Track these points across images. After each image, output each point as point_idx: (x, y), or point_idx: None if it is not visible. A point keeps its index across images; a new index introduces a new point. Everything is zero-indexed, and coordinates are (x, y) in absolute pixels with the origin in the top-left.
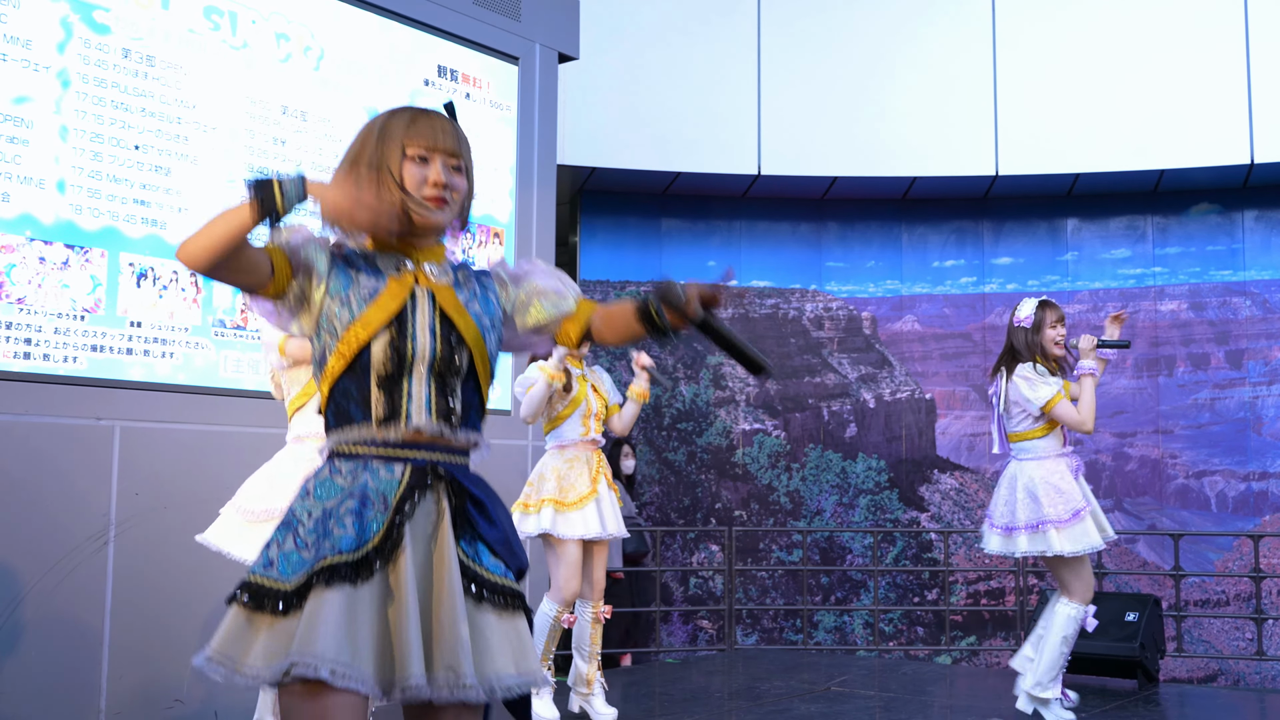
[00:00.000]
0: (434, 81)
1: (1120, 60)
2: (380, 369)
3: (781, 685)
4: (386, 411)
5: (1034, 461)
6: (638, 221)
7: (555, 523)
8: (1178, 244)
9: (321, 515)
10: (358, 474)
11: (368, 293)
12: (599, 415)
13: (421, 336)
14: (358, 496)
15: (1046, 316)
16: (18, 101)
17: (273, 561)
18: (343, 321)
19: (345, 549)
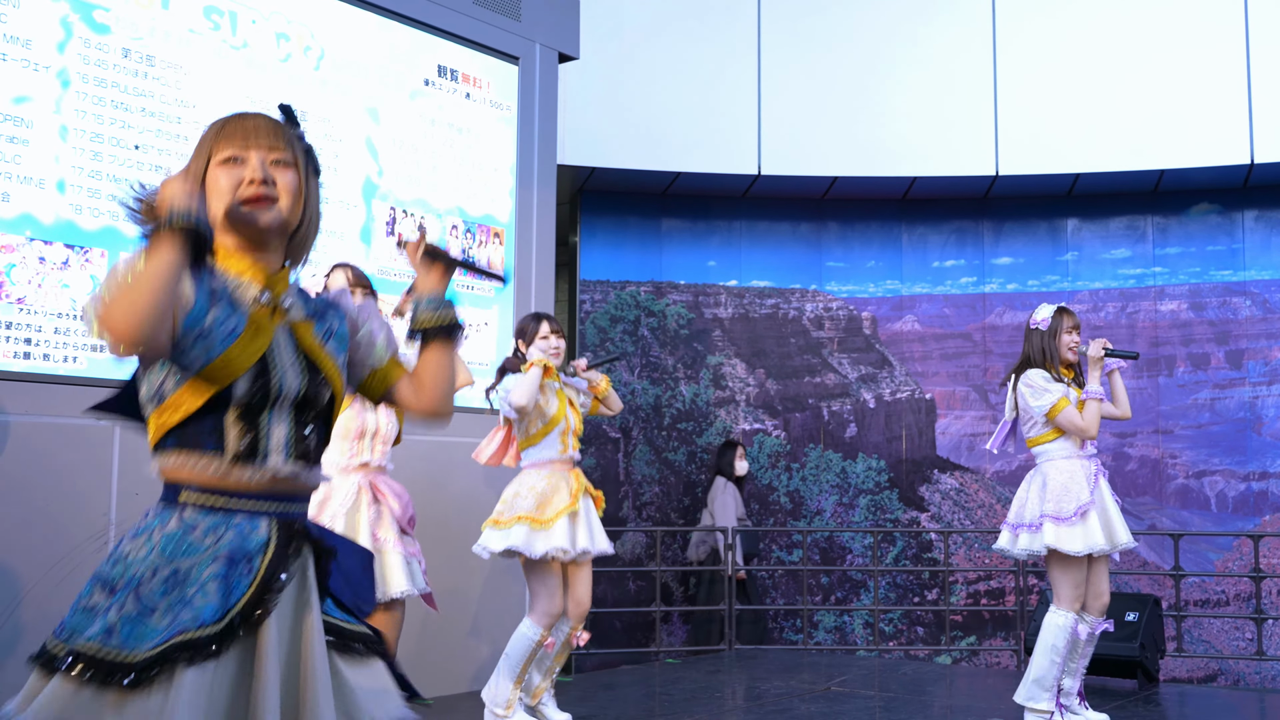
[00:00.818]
0: (434, 81)
1: (1120, 60)
2: (241, 403)
3: (781, 685)
4: (247, 446)
5: (1051, 463)
6: (638, 221)
7: (530, 540)
8: (1178, 244)
9: (172, 575)
10: (220, 532)
11: (228, 331)
12: (576, 432)
13: (288, 375)
14: (223, 559)
15: (1063, 323)
16: (18, 101)
17: (112, 629)
18: (199, 356)
19: (208, 619)
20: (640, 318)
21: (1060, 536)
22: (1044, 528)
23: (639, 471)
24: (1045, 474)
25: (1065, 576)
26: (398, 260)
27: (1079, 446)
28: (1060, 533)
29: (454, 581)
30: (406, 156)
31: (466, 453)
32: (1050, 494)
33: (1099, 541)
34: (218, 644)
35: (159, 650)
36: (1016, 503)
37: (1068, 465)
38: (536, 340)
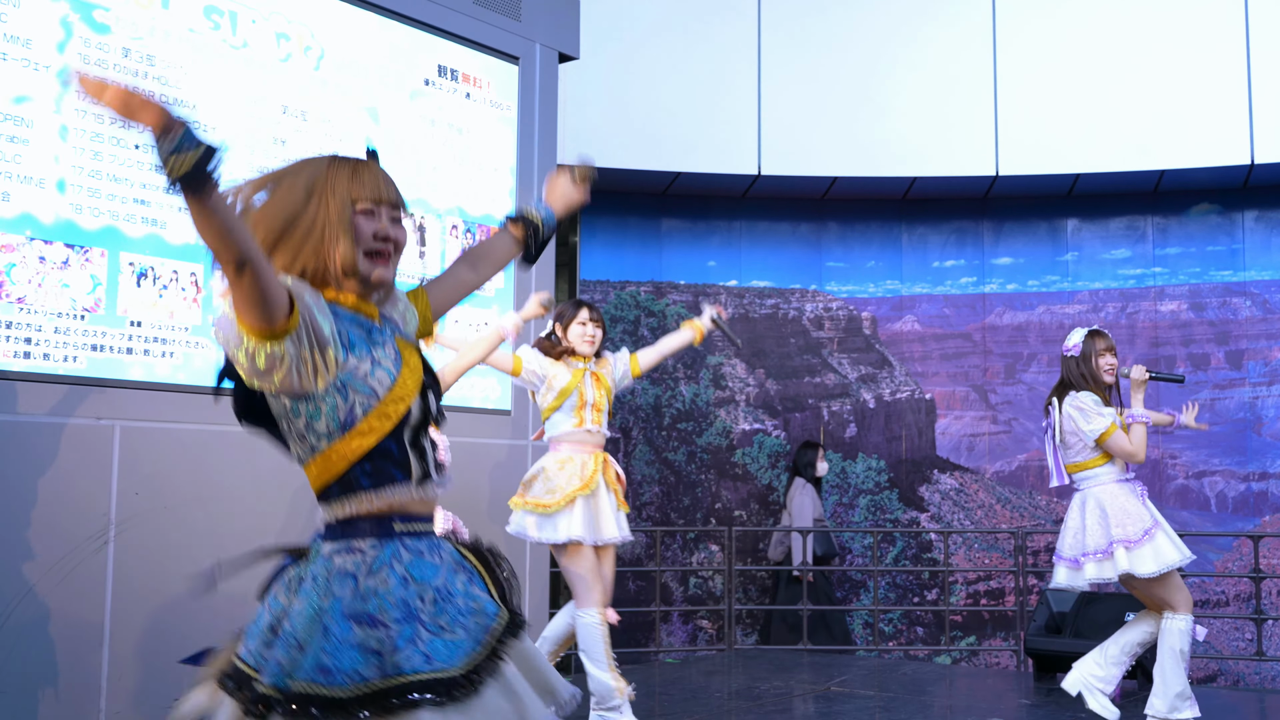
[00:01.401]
0: (434, 81)
1: (1120, 60)
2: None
3: (781, 685)
4: (423, 469)
5: (1099, 487)
6: (638, 221)
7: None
8: (1178, 244)
9: (437, 595)
10: (438, 551)
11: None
12: (597, 405)
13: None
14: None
15: (1095, 345)
16: (18, 101)
17: (429, 656)
18: (382, 382)
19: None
20: (640, 318)
21: (1133, 561)
22: (1117, 554)
23: (639, 471)
24: (1100, 500)
25: (1172, 588)
26: None
27: (1124, 470)
28: (1132, 557)
29: None
30: (407, 156)
31: (466, 453)
32: (1114, 519)
33: (1171, 557)
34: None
35: (477, 659)
36: (1070, 533)
37: (1119, 489)
38: (574, 325)
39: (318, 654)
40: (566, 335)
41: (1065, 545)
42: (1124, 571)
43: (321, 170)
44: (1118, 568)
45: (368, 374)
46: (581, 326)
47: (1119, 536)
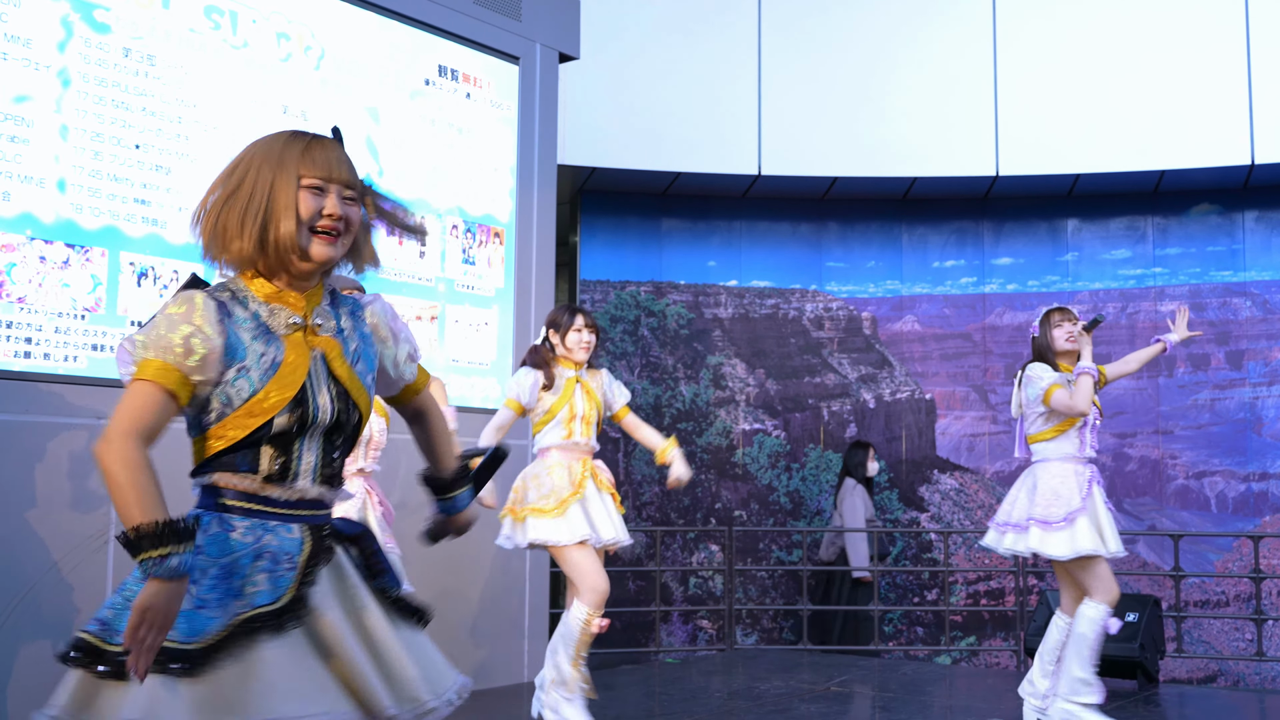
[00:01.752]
0: (434, 81)
1: (1121, 60)
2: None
3: (781, 685)
4: (278, 469)
5: (1043, 464)
6: (638, 221)
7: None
8: (1178, 244)
9: (220, 573)
10: (259, 534)
11: (269, 363)
12: (587, 419)
13: (322, 404)
14: (267, 556)
15: (1051, 317)
16: (18, 100)
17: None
18: (241, 393)
19: (262, 603)
20: (640, 318)
21: (1046, 541)
22: (1030, 531)
23: (639, 471)
24: (1036, 476)
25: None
26: (398, 260)
27: (1077, 449)
28: (1046, 538)
29: (452, 583)
30: (407, 156)
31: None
32: (1040, 497)
33: (1085, 545)
34: (278, 622)
35: (220, 636)
36: (1006, 502)
37: (1060, 469)
38: (570, 332)
39: (105, 609)
40: (564, 342)
41: (1000, 511)
42: (1033, 550)
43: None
44: (1029, 544)
45: (229, 382)
46: (578, 334)
47: (1038, 515)
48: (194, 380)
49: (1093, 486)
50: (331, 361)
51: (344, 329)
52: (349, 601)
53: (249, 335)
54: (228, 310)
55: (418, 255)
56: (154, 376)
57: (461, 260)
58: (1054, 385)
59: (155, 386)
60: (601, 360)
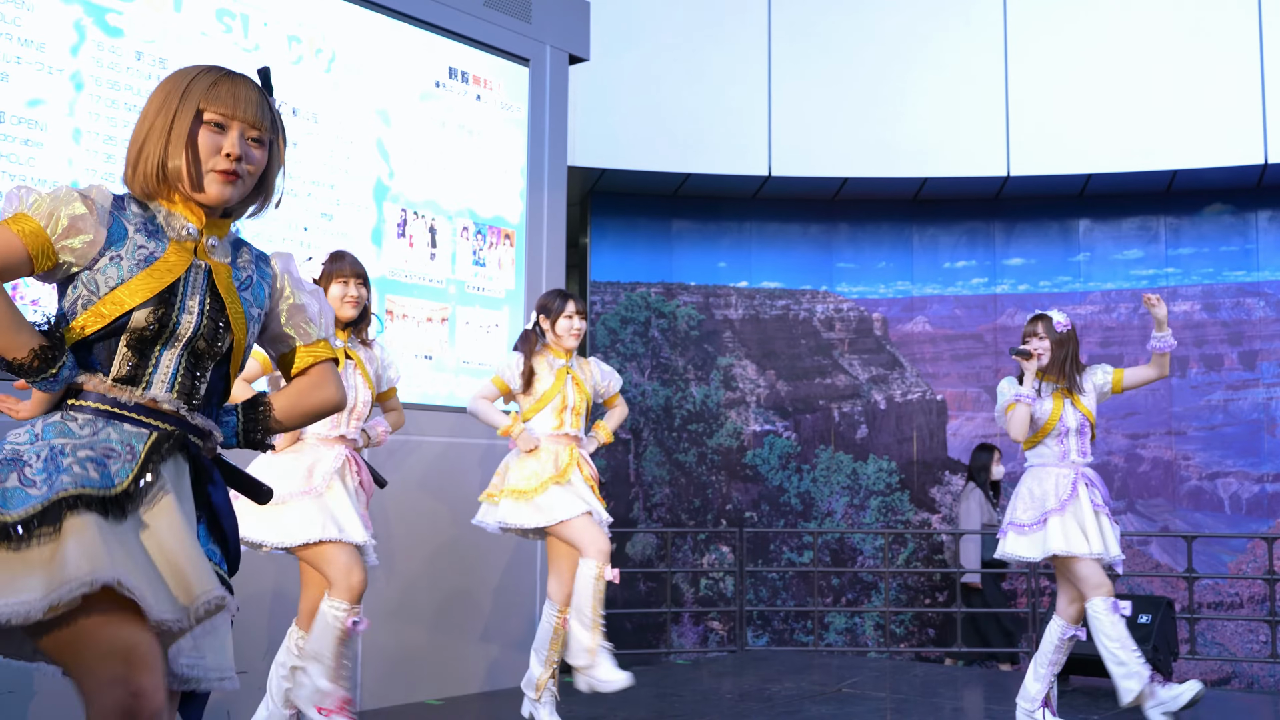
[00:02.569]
0: (444, 83)
1: (1133, 60)
2: (135, 333)
3: (792, 687)
4: (129, 373)
5: (1030, 470)
6: (648, 223)
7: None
8: (1191, 245)
9: (50, 454)
10: (97, 426)
11: (143, 257)
12: (576, 409)
13: (188, 312)
14: (99, 449)
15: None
16: (31, 104)
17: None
18: (108, 280)
19: (90, 485)
20: (650, 319)
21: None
22: (1008, 535)
23: (649, 473)
24: (1021, 481)
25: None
26: (408, 262)
27: (1058, 454)
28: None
29: (464, 583)
30: (417, 158)
31: (476, 454)
32: (1019, 501)
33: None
34: (103, 506)
35: (37, 508)
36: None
37: (1042, 473)
38: (561, 319)
39: None
40: (554, 328)
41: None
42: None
43: (186, 77)
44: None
45: (99, 269)
46: (568, 320)
47: (1014, 520)
48: (58, 254)
49: (1077, 488)
50: (216, 276)
51: (240, 265)
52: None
53: (134, 228)
54: (122, 204)
55: (429, 257)
56: (19, 230)
57: (472, 262)
58: (1009, 407)
59: (18, 239)
60: (612, 361)
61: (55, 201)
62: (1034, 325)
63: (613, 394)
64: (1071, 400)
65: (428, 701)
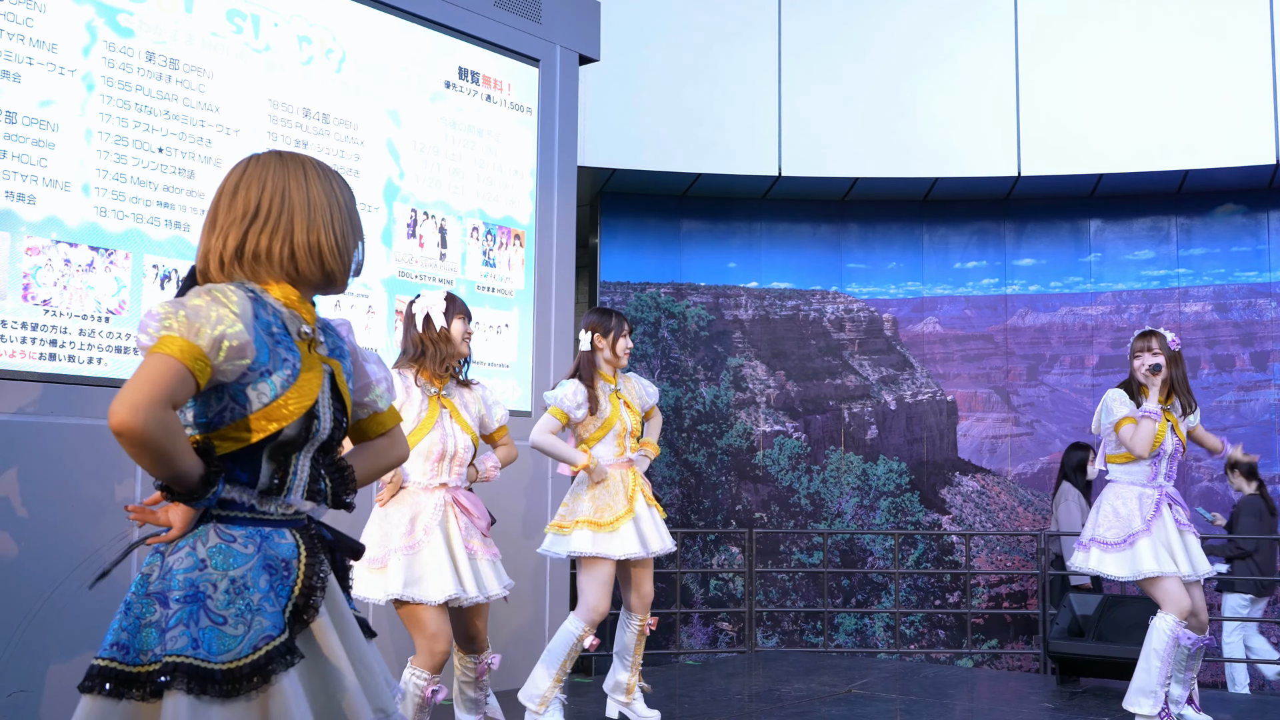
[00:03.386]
0: (455, 84)
1: (1144, 60)
2: (282, 445)
3: (802, 688)
4: (274, 483)
5: (1112, 484)
6: (658, 223)
7: (593, 543)
8: (1202, 245)
9: (231, 586)
10: (258, 541)
11: (290, 371)
12: (634, 432)
13: (324, 418)
14: (268, 567)
15: (1136, 343)
16: (43, 105)
17: (197, 641)
18: (261, 396)
19: (273, 631)
20: (660, 319)
21: (1104, 561)
22: (1091, 551)
23: (659, 473)
24: (1104, 497)
25: (1155, 594)
26: (417, 262)
27: (1148, 476)
28: (1104, 558)
29: None
30: (427, 159)
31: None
32: (1103, 518)
33: (1147, 567)
34: (289, 650)
35: (251, 659)
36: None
37: (1127, 491)
38: (620, 339)
39: (117, 631)
40: (614, 349)
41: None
42: (1092, 570)
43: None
44: (1089, 564)
45: (250, 384)
46: (626, 339)
47: (1098, 536)
48: (214, 367)
49: (1161, 508)
50: (337, 378)
51: (334, 347)
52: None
53: (270, 338)
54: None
55: (439, 257)
56: (178, 354)
57: (482, 262)
58: (1125, 420)
59: (178, 363)
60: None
61: (217, 324)
62: (1147, 341)
63: (651, 406)
64: (1172, 424)
65: (447, 702)
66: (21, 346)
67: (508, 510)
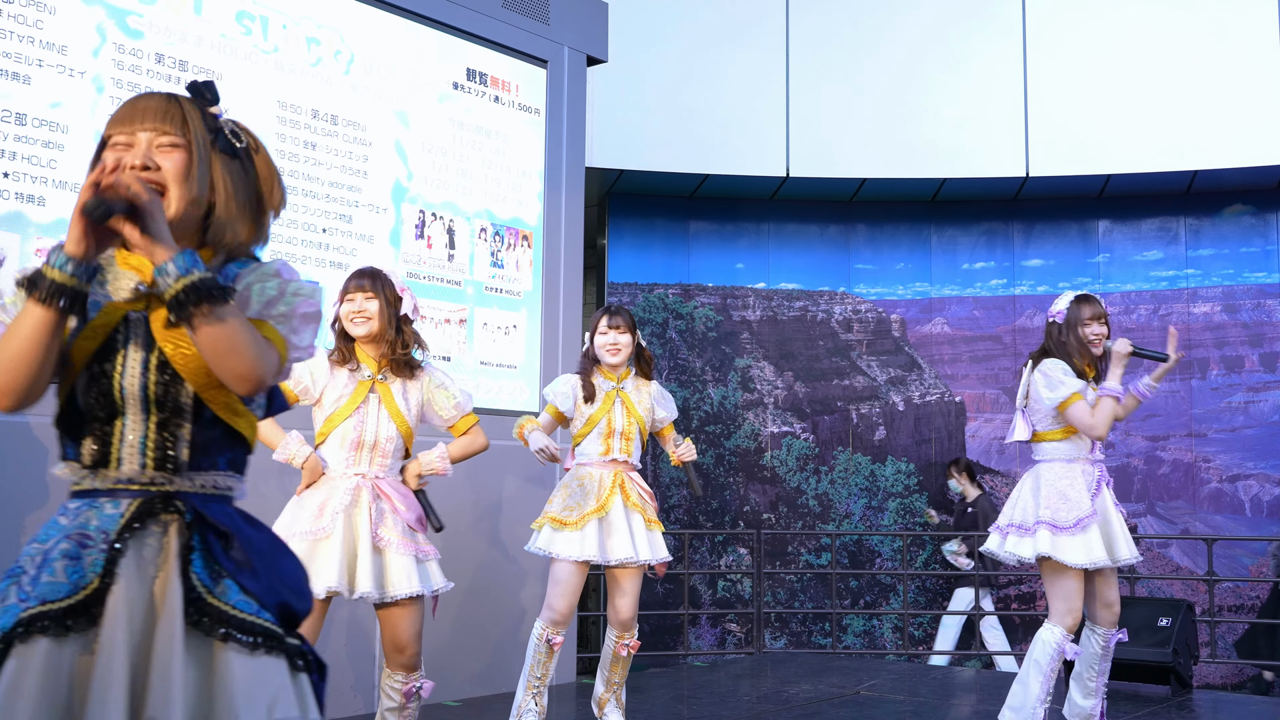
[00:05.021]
0: (463, 84)
1: (1152, 60)
2: (85, 407)
3: (810, 689)
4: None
5: (1047, 464)
6: (666, 224)
7: (549, 541)
8: (1211, 245)
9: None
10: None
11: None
12: (626, 434)
13: (130, 376)
14: (75, 538)
15: (1081, 312)
16: (53, 107)
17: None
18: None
19: (53, 597)
20: (668, 320)
21: (1059, 546)
22: (1039, 534)
23: (667, 474)
24: (1041, 476)
25: (1059, 589)
26: (425, 263)
27: (1087, 450)
28: (1059, 542)
29: (487, 584)
30: (435, 160)
31: (503, 456)
32: (1047, 499)
33: (1100, 555)
34: (61, 622)
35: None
36: (1009, 504)
37: (1067, 470)
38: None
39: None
40: (594, 345)
41: (1002, 515)
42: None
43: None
44: (1036, 548)
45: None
46: (603, 336)
47: (1046, 518)
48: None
49: (1102, 487)
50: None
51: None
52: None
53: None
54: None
55: (446, 258)
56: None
57: (490, 263)
58: (1075, 396)
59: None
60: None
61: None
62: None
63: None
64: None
65: (446, 703)
66: None
67: (501, 507)
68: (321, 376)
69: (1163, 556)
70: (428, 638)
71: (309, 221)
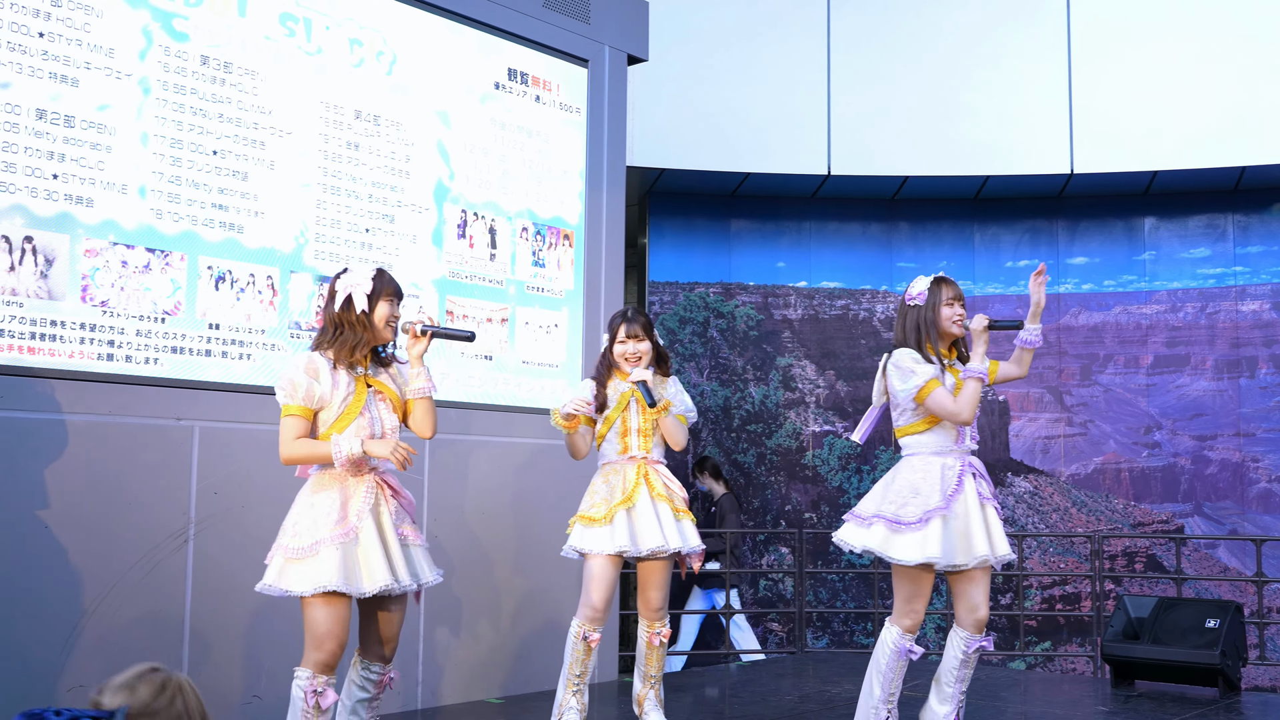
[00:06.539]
0: (504, 84)
1: (1198, 54)
2: None
3: (852, 689)
4: None
5: (910, 457)
6: (707, 223)
7: (582, 538)
8: (1259, 242)
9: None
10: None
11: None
12: (643, 431)
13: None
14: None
15: (942, 294)
16: (101, 109)
17: None
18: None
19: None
20: (709, 319)
21: (891, 543)
22: (874, 527)
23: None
24: (899, 470)
25: (900, 586)
26: (468, 262)
27: (954, 441)
28: (893, 539)
29: (528, 582)
30: (477, 160)
31: (536, 454)
32: (897, 493)
33: (935, 552)
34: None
35: None
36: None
37: (923, 464)
38: (615, 344)
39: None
40: (613, 352)
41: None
42: (873, 551)
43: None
44: (866, 543)
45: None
46: (621, 345)
47: (887, 513)
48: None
49: (964, 481)
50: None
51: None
52: None
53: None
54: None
55: (488, 258)
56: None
57: (531, 262)
58: (932, 383)
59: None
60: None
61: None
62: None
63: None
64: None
65: (488, 700)
66: (80, 347)
67: (542, 505)
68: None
69: (1210, 557)
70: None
71: (352, 222)
